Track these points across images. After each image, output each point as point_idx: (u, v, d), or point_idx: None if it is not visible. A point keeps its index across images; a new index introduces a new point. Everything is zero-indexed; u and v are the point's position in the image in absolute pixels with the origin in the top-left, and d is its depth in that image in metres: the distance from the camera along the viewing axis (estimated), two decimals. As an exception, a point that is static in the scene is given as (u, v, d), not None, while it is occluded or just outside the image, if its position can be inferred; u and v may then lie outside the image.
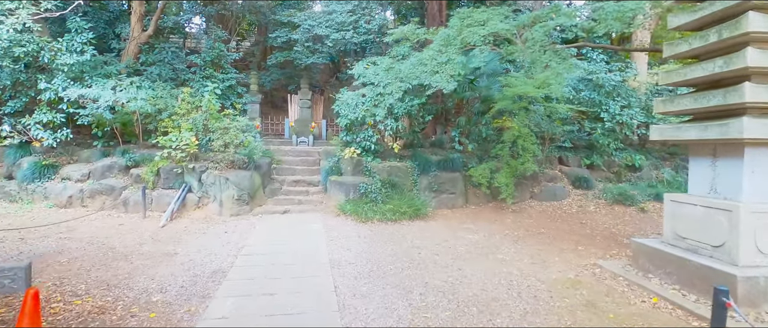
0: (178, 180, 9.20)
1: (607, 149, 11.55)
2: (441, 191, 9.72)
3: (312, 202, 9.52)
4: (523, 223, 8.78)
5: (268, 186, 9.69)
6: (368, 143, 9.71)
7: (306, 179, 10.26)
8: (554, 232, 8.05)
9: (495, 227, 8.38)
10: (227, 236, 7.25)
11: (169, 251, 6.37)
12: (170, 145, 9.02)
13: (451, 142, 11.18)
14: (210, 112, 9.42)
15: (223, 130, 9.24)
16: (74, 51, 9.47)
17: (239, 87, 11.91)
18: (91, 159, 9.98)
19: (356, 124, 9.77)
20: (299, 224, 8.19)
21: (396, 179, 9.47)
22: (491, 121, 10.28)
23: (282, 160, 10.81)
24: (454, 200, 9.78)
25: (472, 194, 10.05)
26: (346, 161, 9.70)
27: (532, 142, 9.65)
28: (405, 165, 9.80)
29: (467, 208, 9.83)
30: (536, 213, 9.58)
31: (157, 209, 8.93)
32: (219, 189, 8.84)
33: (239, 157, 9.17)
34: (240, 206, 8.86)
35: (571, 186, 10.96)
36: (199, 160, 9.44)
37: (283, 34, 13.86)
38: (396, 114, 9.49)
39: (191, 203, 9.00)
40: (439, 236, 7.52)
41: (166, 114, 9.49)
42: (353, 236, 7.41)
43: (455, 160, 9.90)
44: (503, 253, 6.62)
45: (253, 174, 9.17)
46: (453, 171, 9.89)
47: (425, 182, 9.68)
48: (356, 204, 8.83)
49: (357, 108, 9.62)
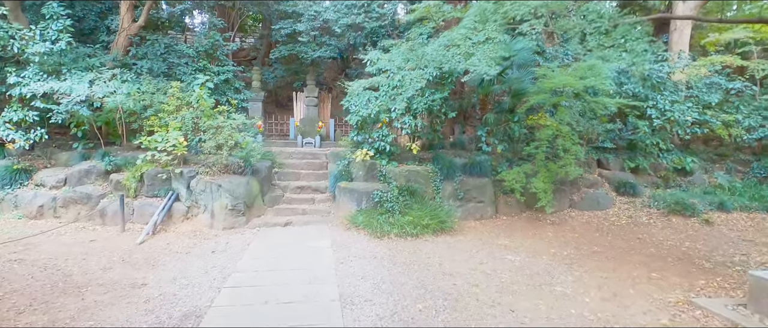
0: (164, 187, 7.80)
1: (652, 150, 9.92)
2: (467, 199, 8.19)
3: (318, 212, 8.06)
4: (567, 237, 7.22)
5: (268, 193, 8.25)
6: (383, 144, 8.22)
7: (311, 184, 8.81)
8: (611, 251, 6.48)
9: (536, 243, 6.84)
10: (214, 259, 5.80)
11: (137, 280, 4.94)
12: (155, 147, 7.63)
13: (476, 142, 9.65)
14: (201, 108, 8.01)
15: (216, 129, 7.82)
16: (49, 40, 8.13)
17: (237, 81, 10.48)
18: (70, 163, 8.63)
19: (369, 122, 8.30)
20: (303, 240, 6.73)
21: (415, 186, 7.97)
22: (524, 118, 8.73)
23: (285, 164, 9.37)
24: (483, 210, 8.25)
25: (502, 202, 8.51)
26: (358, 165, 8.22)
27: (573, 142, 8.09)
28: (425, 169, 8.29)
29: (498, 219, 8.29)
30: (579, 225, 8.01)
31: (140, 220, 7.53)
32: (210, 198, 7.42)
33: (234, 161, 7.74)
34: (234, 217, 7.43)
35: (614, 193, 9.36)
36: (189, 164, 8.03)
37: (288, 25, 12.43)
38: (415, 110, 8.00)
39: (179, 213, 7.59)
40: (472, 257, 6.01)
41: (151, 111, 8.10)
42: (368, 256, 5.93)
43: (483, 164, 8.37)
44: (560, 282, 5.09)
45: (250, 180, 7.73)
46: (480, 176, 8.36)
47: (449, 188, 8.16)
48: (369, 215, 7.35)
49: (370, 103, 8.15)
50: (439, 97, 8.16)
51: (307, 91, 12.81)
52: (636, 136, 9.84)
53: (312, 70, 13.36)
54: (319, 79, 14.64)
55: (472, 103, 9.97)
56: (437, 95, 8.17)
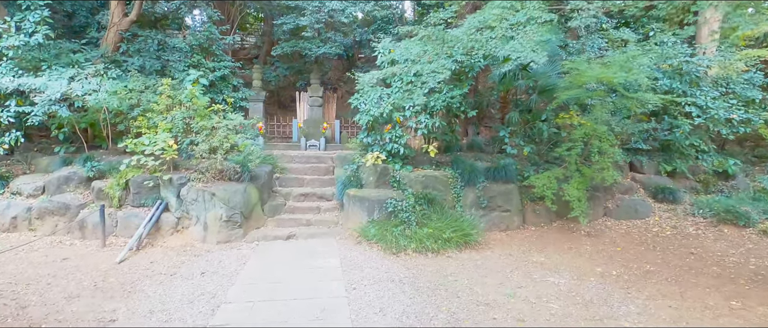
0: (152, 196, 6.86)
1: (689, 152, 8.90)
2: (491, 208, 7.20)
3: (324, 222, 7.09)
4: (609, 252, 6.22)
5: (268, 202, 7.29)
6: (396, 146, 7.25)
7: (317, 191, 7.85)
8: (667, 270, 5.48)
9: (576, 260, 5.84)
10: (203, 282, 4.85)
11: (105, 315, 3.99)
12: (142, 151, 6.70)
13: (496, 144, 8.69)
14: (194, 107, 7.07)
15: (210, 130, 6.88)
16: (25, 32, 7.23)
17: (235, 78, 9.53)
18: (50, 168, 7.71)
19: (381, 122, 7.34)
20: (307, 257, 5.76)
21: (433, 193, 6.99)
22: (553, 117, 7.75)
23: (287, 168, 8.42)
24: (509, 220, 7.25)
25: (530, 210, 7.51)
26: (368, 170, 7.26)
27: (610, 144, 7.11)
28: (444, 174, 7.31)
29: (526, 229, 7.29)
30: (619, 237, 7.00)
31: (124, 233, 6.59)
32: (202, 207, 6.47)
33: (229, 166, 6.79)
34: (230, 229, 6.47)
35: (651, 199, 8.34)
36: (180, 170, 7.09)
37: (290, 20, 11.51)
38: (432, 108, 7.03)
39: (167, 225, 6.65)
40: (507, 279, 5.03)
41: (139, 111, 7.18)
42: (384, 279, 4.95)
43: (508, 168, 7.37)
44: (624, 314, 4.10)
45: (248, 187, 6.78)
46: (506, 181, 7.36)
47: (471, 196, 7.18)
48: (383, 227, 6.38)
49: (382, 101, 7.19)
50: (458, 93, 7.20)
51: (311, 90, 11.88)
52: (672, 136, 8.82)
53: (316, 69, 12.42)
54: (323, 79, 13.72)
55: (490, 102, 8.99)
56: (456, 91, 7.20)
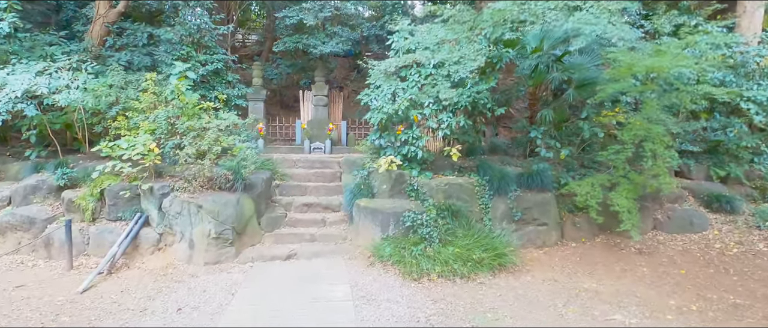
0: (131, 208, 5.83)
1: (743, 155, 7.72)
2: (525, 221, 6.09)
3: (330, 238, 6.02)
4: (674, 277, 5.09)
5: (266, 214, 6.23)
6: (413, 149, 6.17)
7: (321, 201, 6.78)
8: (757, 302, 4.34)
9: (637, 288, 4.73)
10: (179, 323, 3.78)
11: (37, 378, 2.93)
12: (120, 155, 5.67)
13: (520, 146, 7.60)
14: (180, 105, 6.04)
15: (198, 132, 5.84)
16: (-11, 21, 6.26)
17: (230, 74, 8.47)
18: (20, 175, 6.71)
19: (396, 120, 6.26)
20: (310, 283, 4.69)
21: (458, 204, 5.89)
22: (594, 115, 6.63)
23: (288, 175, 7.35)
24: (546, 235, 6.13)
25: (569, 223, 6.38)
26: (381, 176, 6.17)
27: (665, 146, 5.96)
28: (469, 182, 6.21)
29: (565, 246, 6.17)
30: (677, 255, 5.86)
31: (97, 251, 5.57)
32: (188, 222, 5.42)
33: (220, 173, 5.74)
34: (220, 248, 5.41)
35: (704, 209, 7.18)
36: (164, 178, 6.05)
37: (293, 13, 10.48)
38: (456, 105, 5.93)
39: (148, 242, 5.61)
40: (561, 318, 3.93)
41: (116, 110, 6.17)
42: (406, 317, 3.88)
43: (544, 174, 6.25)
44: (739, 380, 2.96)
45: (242, 198, 5.72)
46: (541, 190, 6.24)
47: (502, 207, 6.06)
48: (399, 245, 5.30)
49: (397, 97, 6.12)
50: (485, 87, 6.10)
51: (316, 88, 10.82)
52: (724, 136, 7.66)
53: (321, 65, 11.37)
54: (328, 78, 12.68)
55: (517, 97, 7.89)
56: (483, 86, 6.10)
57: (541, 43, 7.03)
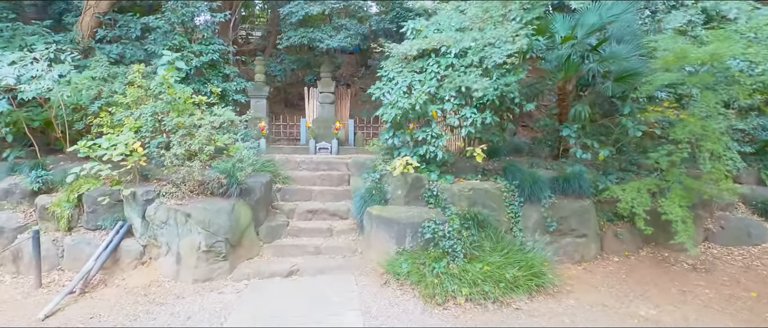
0: (112, 215, 5.09)
1: (798, 156, 6.85)
2: (562, 232, 5.26)
3: (338, 250, 5.25)
4: (744, 301, 4.26)
5: (265, 222, 5.46)
6: (432, 149, 5.36)
7: (328, 207, 6.01)
8: None
9: (706, 316, 3.91)
10: (149, 365, 3.02)
11: None
12: (101, 156, 4.95)
13: (545, 146, 6.79)
14: (169, 99, 5.29)
15: (188, 129, 5.09)
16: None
17: (228, 66, 7.69)
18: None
19: (410, 117, 5.46)
20: (315, 307, 3.92)
21: (484, 212, 5.08)
22: (637, 110, 5.78)
23: (291, 178, 6.59)
24: (585, 248, 5.30)
25: (609, 233, 5.55)
26: (396, 180, 5.37)
27: (724, 147, 5.11)
28: (496, 187, 5.39)
29: (607, 260, 5.33)
30: (740, 273, 5.00)
31: (73, 265, 4.85)
32: (175, 233, 4.68)
33: (213, 176, 4.99)
34: (211, 262, 4.66)
35: (759, 217, 6.30)
36: (150, 182, 5.31)
37: (298, 8, 9.72)
38: (482, 99, 5.12)
39: (130, 255, 4.87)
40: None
41: (97, 106, 5.45)
42: (434, 358, 3.07)
43: (581, 178, 5.42)
44: None
45: (238, 205, 4.95)
46: (578, 196, 5.41)
47: (534, 215, 5.24)
48: (418, 260, 4.52)
49: (413, 90, 5.33)
50: (513, 79, 5.28)
51: (322, 85, 10.07)
52: (778, 136, 6.78)
53: (327, 60, 10.62)
54: (335, 74, 11.92)
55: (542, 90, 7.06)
56: (511, 78, 5.28)
57: (573, 30, 6.22)
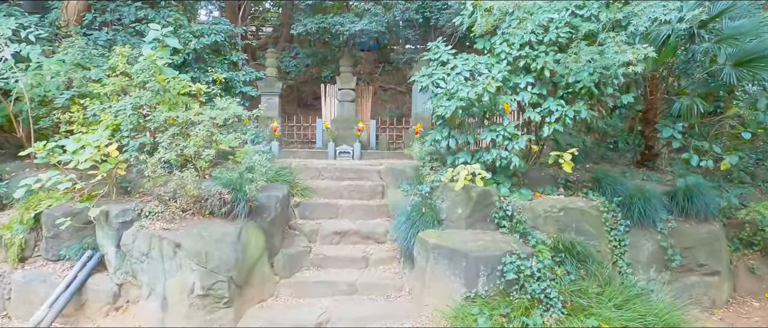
0: (80, 242, 3.76)
1: None
2: (686, 268, 3.82)
3: (379, 288, 3.86)
4: None
5: (281, 249, 4.10)
6: (505, 154, 3.97)
7: (360, 227, 4.63)
8: None
9: None
10: None
11: None
12: (61, 161, 3.63)
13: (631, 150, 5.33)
14: (157, 87, 3.96)
15: (181, 127, 3.76)
16: None
17: (235, 52, 6.33)
18: (-55, 189, 4.73)
19: (474, 113, 4.07)
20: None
21: (580, 241, 3.65)
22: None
23: (311, 188, 5.21)
24: (716, 289, 3.86)
25: (741, 268, 4.09)
26: (455, 195, 3.98)
27: None
28: (591, 205, 3.97)
29: (744, 305, 3.88)
30: None
31: (21, 310, 3.53)
32: (160, 269, 3.32)
33: (212, 190, 3.63)
34: (209, 310, 3.30)
35: None
36: (133, 196, 3.98)
37: (314, -5, 8.42)
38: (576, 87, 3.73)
39: (100, 297, 3.53)
40: None
41: (67, 97, 4.15)
42: None
43: (705, 194, 3.98)
44: None
45: (246, 230, 3.60)
46: (703, 219, 3.96)
47: (647, 245, 3.81)
48: (498, 310, 3.12)
49: (479, 79, 3.94)
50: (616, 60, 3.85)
51: (341, 81, 8.72)
52: None
53: (346, 53, 9.29)
54: (354, 70, 10.60)
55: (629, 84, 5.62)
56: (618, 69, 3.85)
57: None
